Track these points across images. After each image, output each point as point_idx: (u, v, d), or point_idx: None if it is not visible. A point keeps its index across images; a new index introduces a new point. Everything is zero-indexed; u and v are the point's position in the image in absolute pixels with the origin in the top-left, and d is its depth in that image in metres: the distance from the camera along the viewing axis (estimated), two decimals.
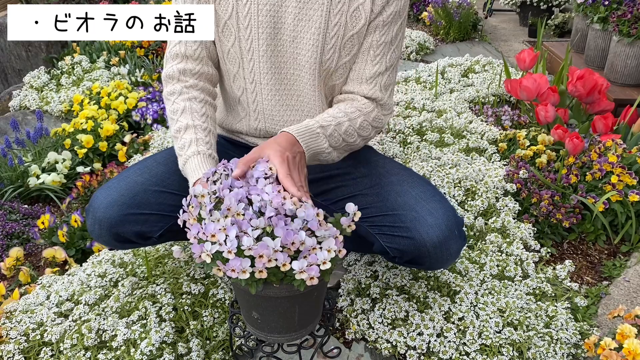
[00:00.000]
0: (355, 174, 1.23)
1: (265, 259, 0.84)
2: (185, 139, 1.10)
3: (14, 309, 1.38)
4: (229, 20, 1.14)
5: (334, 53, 1.15)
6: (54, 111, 2.92)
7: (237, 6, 1.12)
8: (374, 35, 1.15)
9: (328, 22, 1.12)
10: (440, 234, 1.05)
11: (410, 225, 1.06)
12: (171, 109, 1.15)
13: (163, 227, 1.15)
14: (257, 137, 1.27)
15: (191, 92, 1.15)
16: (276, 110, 1.21)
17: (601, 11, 2.84)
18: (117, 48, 3.59)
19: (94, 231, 1.12)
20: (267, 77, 1.17)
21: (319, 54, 1.14)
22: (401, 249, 1.09)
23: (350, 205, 0.95)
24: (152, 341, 1.19)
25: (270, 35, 1.13)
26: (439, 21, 4.27)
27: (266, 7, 1.11)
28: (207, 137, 1.12)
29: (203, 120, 1.13)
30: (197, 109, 1.14)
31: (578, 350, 1.26)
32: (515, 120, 2.31)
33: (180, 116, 1.13)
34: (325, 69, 1.16)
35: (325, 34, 1.13)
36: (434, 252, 1.06)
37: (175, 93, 1.15)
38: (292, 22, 1.12)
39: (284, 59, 1.16)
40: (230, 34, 1.15)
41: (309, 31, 1.12)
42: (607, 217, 1.67)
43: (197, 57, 1.17)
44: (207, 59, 1.19)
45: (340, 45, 1.14)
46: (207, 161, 1.07)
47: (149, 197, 1.12)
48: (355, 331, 1.33)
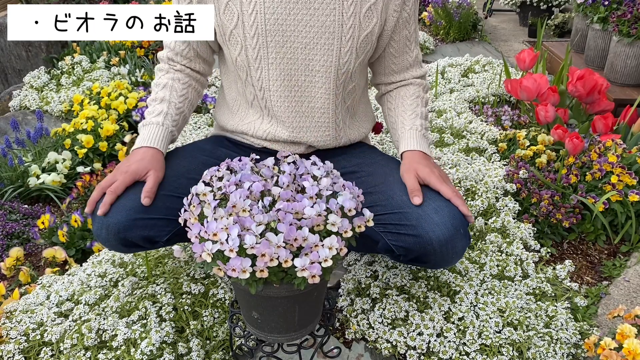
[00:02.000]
0: (360, 173, 1.23)
1: (267, 258, 0.85)
2: (156, 108, 1.20)
3: (14, 309, 1.38)
4: (234, 29, 1.14)
5: (350, 55, 1.16)
6: (54, 111, 2.92)
7: (242, 16, 1.13)
8: (406, 30, 1.23)
9: (342, 26, 1.13)
10: (446, 231, 1.05)
11: (416, 223, 1.06)
12: (155, 82, 1.25)
13: (170, 231, 1.15)
14: (264, 140, 1.27)
15: (177, 74, 1.25)
16: (286, 116, 1.21)
17: (601, 11, 2.84)
18: (117, 48, 3.59)
19: (101, 235, 1.11)
20: (277, 84, 1.17)
21: (336, 58, 1.15)
22: (407, 247, 1.09)
23: (366, 211, 0.97)
24: (152, 341, 1.19)
25: (280, 44, 1.13)
26: (439, 21, 4.27)
27: (274, 16, 1.11)
28: (177, 116, 1.21)
29: (180, 100, 1.23)
30: (177, 88, 1.23)
31: (578, 350, 1.26)
32: (515, 120, 2.31)
33: (160, 90, 1.22)
34: (344, 72, 1.18)
35: (341, 38, 1.14)
36: (439, 250, 1.06)
37: (163, 70, 1.26)
38: (303, 30, 1.12)
39: (295, 66, 1.16)
40: (236, 42, 1.16)
41: (323, 37, 1.13)
42: (607, 217, 1.67)
43: (184, 55, 1.25)
44: (195, 57, 1.26)
45: (356, 47, 1.16)
46: (165, 137, 1.17)
47: (156, 201, 1.12)
48: (355, 331, 1.33)
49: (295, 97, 1.19)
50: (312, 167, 1.01)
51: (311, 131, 1.23)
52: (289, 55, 1.15)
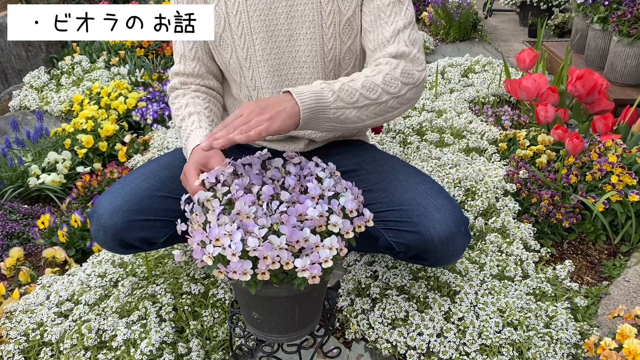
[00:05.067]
0: (361, 171, 1.23)
1: (269, 261, 0.84)
2: (187, 122, 1.15)
3: (14, 309, 1.38)
4: (223, 33, 1.15)
5: (334, 41, 1.15)
6: (54, 111, 2.92)
7: (228, 18, 1.14)
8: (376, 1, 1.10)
9: (322, 13, 1.12)
10: (447, 229, 1.05)
11: (417, 220, 1.07)
12: (175, 107, 1.20)
13: (168, 232, 1.15)
14: (263, 140, 1.27)
15: (193, 93, 1.21)
16: None
17: (601, 11, 2.84)
18: (117, 48, 3.59)
19: (99, 237, 1.12)
20: (267, 80, 1.17)
21: (320, 46, 1.14)
22: (407, 244, 1.09)
23: (366, 211, 0.97)
24: (152, 341, 1.19)
25: (265, 40, 1.13)
26: (439, 21, 4.27)
27: (256, 13, 1.12)
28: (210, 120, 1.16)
29: (208, 111, 1.18)
30: (199, 102, 1.19)
31: (578, 350, 1.26)
32: (515, 120, 2.31)
33: (184, 110, 1.18)
34: (331, 59, 1.17)
35: (322, 25, 1.13)
36: (440, 247, 1.06)
37: (179, 96, 1.22)
38: (285, 22, 1.12)
39: (282, 60, 1.16)
40: (227, 46, 1.16)
41: (304, 26, 1.13)
42: (607, 217, 1.67)
43: (196, 74, 1.22)
44: (206, 74, 1.23)
45: (339, 32, 1.15)
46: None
47: (154, 203, 1.12)
48: (355, 331, 1.33)
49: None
50: (316, 169, 1.01)
51: None
52: (275, 50, 1.15)
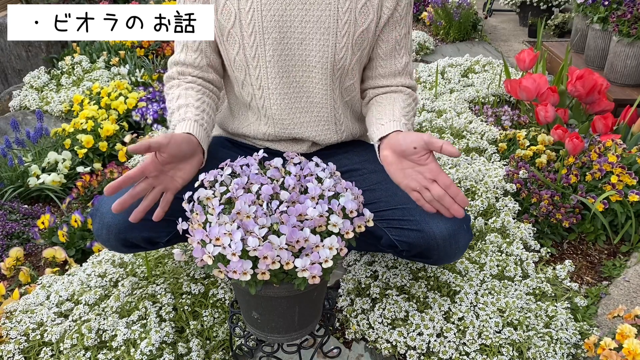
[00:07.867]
0: (363, 170, 1.24)
1: (270, 260, 0.84)
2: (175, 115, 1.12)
3: (14, 309, 1.38)
4: (232, 29, 1.14)
5: (346, 51, 1.15)
6: (54, 111, 2.92)
7: (239, 14, 1.12)
8: (396, 31, 1.20)
9: (338, 21, 1.12)
10: (449, 226, 1.06)
11: (420, 218, 1.07)
12: (169, 98, 1.19)
13: (171, 232, 1.15)
14: (265, 141, 1.27)
15: (188, 84, 1.18)
16: (285, 114, 1.21)
17: (601, 11, 2.84)
18: (117, 48, 3.59)
19: (101, 236, 1.11)
20: (275, 81, 1.17)
21: (332, 54, 1.15)
22: (410, 242, 1.09)
23: (366, 211, 0.97)
24: (152, 341, 1.19)
25: (277, 40, 1.13)
26: (438, 21, 4.27)
27: (270, 13, 1.11)
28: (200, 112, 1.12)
29: (199, 102, 1.15)
30: (191, 94, 1.16)
31: (578, 350, 1.26)
32: (515, 120, 2.31)
33: (176, 102, 1.15)
34: (340, 68, 1.17)
35: (337, 33, 1.13)
36: (443, 245, 1.07)
37: (174, 87, 1.20)
38: (299, 25, 1.12)
39: (292, 62, 1.16)
40: (234, 42, 1.15)
41: (318, 31, 1.13)
42: (607, 217, 1.67)
43: (197, 65, 1.19)
44: (207, 67, 1.20)
45: (352, 43, 1.15)
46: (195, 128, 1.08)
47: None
48: (355, 331, 1.33)
49: (293, 94, 1.19)
50: (316, 169, 1.01)
51: (311, 126, 1.23)
52: (285, 51, 1.14)
